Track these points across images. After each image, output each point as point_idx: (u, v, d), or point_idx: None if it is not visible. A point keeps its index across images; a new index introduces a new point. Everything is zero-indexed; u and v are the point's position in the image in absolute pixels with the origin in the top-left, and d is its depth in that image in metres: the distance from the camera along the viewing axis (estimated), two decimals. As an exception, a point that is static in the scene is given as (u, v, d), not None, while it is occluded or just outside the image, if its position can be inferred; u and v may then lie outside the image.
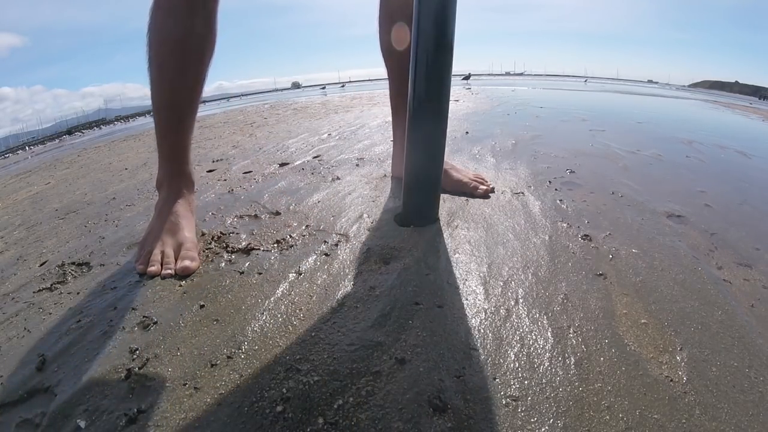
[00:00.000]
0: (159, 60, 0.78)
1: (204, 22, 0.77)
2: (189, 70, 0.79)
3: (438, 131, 0.78)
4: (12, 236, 1.13)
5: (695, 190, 1.09)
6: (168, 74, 0.79)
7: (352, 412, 0.41)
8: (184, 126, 0.84)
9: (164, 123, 0.83)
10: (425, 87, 0.75)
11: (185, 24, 0.75)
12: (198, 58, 0.79)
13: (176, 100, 0.81)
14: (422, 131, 0.78)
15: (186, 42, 0.77)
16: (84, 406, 0.44)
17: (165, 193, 0.84)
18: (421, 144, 0.79)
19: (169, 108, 0.82)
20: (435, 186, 0.83)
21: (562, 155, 1.42)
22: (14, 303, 0.69)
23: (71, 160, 2.86)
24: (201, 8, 0.76)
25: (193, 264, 0.71)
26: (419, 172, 0.81)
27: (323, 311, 0.57)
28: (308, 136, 2.09)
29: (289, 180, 1.23)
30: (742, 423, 0.40)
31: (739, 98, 9.26)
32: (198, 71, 0.81)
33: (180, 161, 0.85)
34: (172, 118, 0.83)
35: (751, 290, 0.63)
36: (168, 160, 0.85)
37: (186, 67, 0.79)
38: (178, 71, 0.79)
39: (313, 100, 5.19)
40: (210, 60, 0.82)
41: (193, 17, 0.75)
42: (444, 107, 0.77)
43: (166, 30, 0.76)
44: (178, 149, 0.85)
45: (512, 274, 0.66)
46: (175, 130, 0.84)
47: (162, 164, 0.86)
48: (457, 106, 3.25)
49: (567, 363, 0.47)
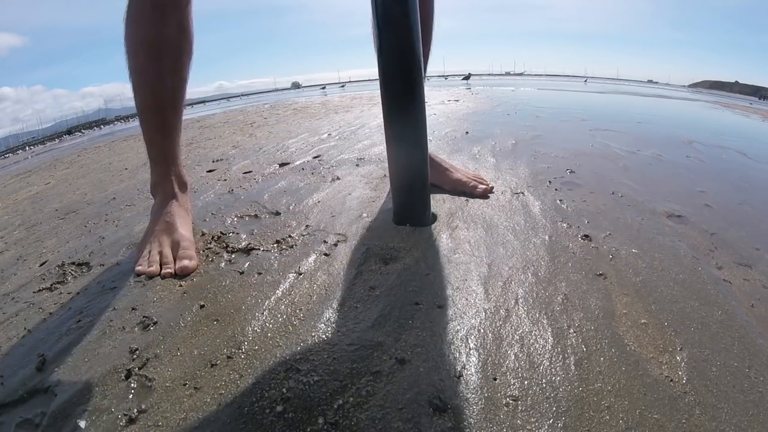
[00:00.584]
0: (137, 67, 0.79)
1: (178, 25, 0.77)
2: (167, 74, 0.80)
3: (416, 129, 0.78)
4: (12, 236, 1.13)
5: (695, 190, 1.09)
6: (147, 80, 0.80)
7: (352, 412, 0.41)
8: (169, 129, 0.85)
9: (150, 128, 0.84)
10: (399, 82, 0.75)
11: (158, 29, 0.76)
12: (175, 61, 0.80)
13: (159, 104, 0.82)
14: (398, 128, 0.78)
15: (161, 47, 0.77)
16: (84, 406, 0.44)
17: (160, 197, 0.85)
18: (400, 144, 0.79)
19: (153, 113, 0.83)
20: (422, 186, 0.81)
21: (562, 155, 1.42)
22: (14, 303, 0.69)
23: (71, 160, 2.86)
24: (172, 11, 0.76)
25: (191, 263, 0.71)
26: (402, 173, 0.80)
27: (323, 311, 0.57)
28: (308, 136, 2.09)
29: (289, 180, 1.23)
30: (742, 423, 0.40)
31: (740, 98, 9.26)
32: (177, 74, 0.81)
33: (170, 164, 0.86)
34: (157, 122, 0.83)
35: (751, 290, 0.63)
36: (159, 164, 0.86)
37: (164, 71, 0.79)
38: (157, 76, 0.79)
39: (313, 100, 5.19)
40: (189, 61, 0.82)
41: (166, 21, 0.76)
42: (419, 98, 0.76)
43: (140, 37, 0.77)
44: (167, 153, 0.86)
45: (512, 274, 0.66)
46: (162, 135, 0.84)
47: (154, 169, 0.87)
48: (457, 106, 3.25)
49: (567, 363, 0.47)
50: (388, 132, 0.79)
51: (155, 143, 0.85)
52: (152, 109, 0.82)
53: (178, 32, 0.78)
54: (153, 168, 0.87)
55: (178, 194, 0.85)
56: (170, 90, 0.82)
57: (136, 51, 0.78)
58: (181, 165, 0.89)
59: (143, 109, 0.82)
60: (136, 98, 0.81)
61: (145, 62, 0.78)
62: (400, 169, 0.80)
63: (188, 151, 2.04)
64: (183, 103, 0.86)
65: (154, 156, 0.86)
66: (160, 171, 0.86)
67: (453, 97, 4.18)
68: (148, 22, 0.75)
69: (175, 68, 0.80)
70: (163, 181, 0.85)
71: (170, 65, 0.79)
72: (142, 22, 0.76)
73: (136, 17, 0.76)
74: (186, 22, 0.79)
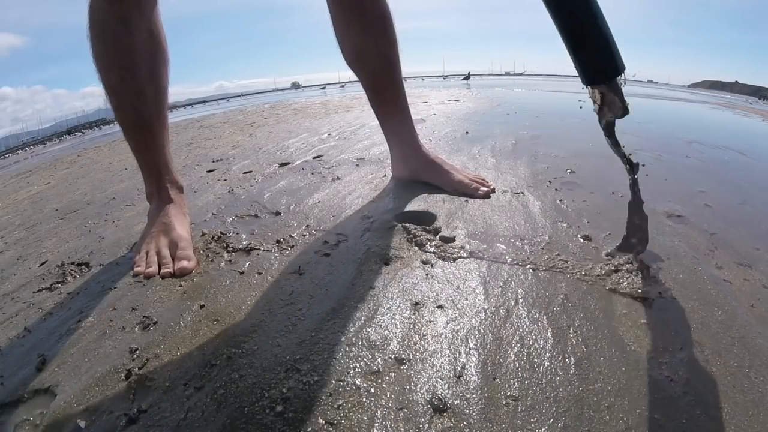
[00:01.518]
0: (112, 86, 0.75)
1: (147, 33, 0.73)
2: (146, 88, 0.76)
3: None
4: (12, 236, 1.13)
5: (695, 190, 1.09)
6: (126, 98, 0.76)
7: (352, 412, 0.41)
8: (157, 143, 0.82)
9: (138, 145, 0.82)
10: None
11: (126, 43, 0.71)
12: (152, 72, 0.76)
13: (143, 119, 0.79)
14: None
15: (134, 61, 0.72)
16: (84, 406, 0.44)
17: (155, 203, 0.84)
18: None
19: (138, 130, 0.80)
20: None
21: (562, 155, 1.42)
22: (14, 303, 0.69)
23: (71, 160, 2.86)
24: (139, 21, 0.71)
25: (189, 264, 0.71)
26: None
27: (323, 311, 0.57)
28: (308, 136, 2.09)
29: (289, 180, 1.23)
30: (742, 423, 0.40)
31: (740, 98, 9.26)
32: (156, 85, 0.78)
33: (163, 174, 0.84)
34: (144, 137, 0.81)
35: (751, 290, 0.63)
36: (151, 175, 0.84)
37: (142, 86, 0.75)
38: (136, 92, 0.75)
39: (313, 101, 5.19)
40: (166, 68, 0.79)
41: (133, 32, 0.70)
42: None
43: (109, 55, 0.72)
44: (159, 164, 0.84)
45: (512, 274, 0.66)
46: (150, 149, 0.82)
47: (146, 179, 0.85)
48: (457, 106, 3.24)
49: (567, 363, 0.47)
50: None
51: (146, 159, 0.83)
52: (137, 125, 0.79)
53: (149, 41, 0.74)
54: (146, 180, 0.85)
55: (175, 198, 0.85)
56: (153, 103, 0.78)
57: (108, 69, 0.73)
58: (175, 170, 0.88)
59: (127, 126, 0.79)
60: (118, 117, 0.78)
61: (119, 81, 0.74)
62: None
63: (188, 151, 2.04)
64: (166, 111, 0.83)
65: (147, 169, 0.84)
66: (154, 182, 0.84)
67: (453, 97, 4.18)
68: (115, 38, 0.70)
69: (153, 79, 0.77)
70: (158, 190, 0.84)
71: (147, 78, 0.75)
72: (109, 39, 0.71)
73: (100, 35, 0.71)
74: (155, 28, 0.75)
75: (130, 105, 0.77)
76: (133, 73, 0.74)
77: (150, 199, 0.86)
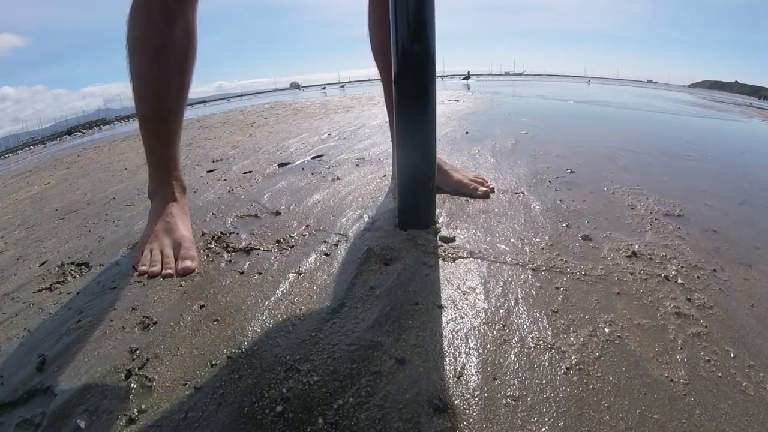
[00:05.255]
0: (140, 73, 0.77)
1: (183, 31, 0.76)
2: (172, 80, 0.78)
3: (425, 131, 0.75)
4: (12, 236, 1.13)
5: (695, 189, 1.09)
6: (151, 87, 0.78)
7: (352, 412, 0.41)
8: (170, 136, 0.84)
9: (152, 137, 0.83)
10: (409, 79, 0.73)
11: (165, 35, 0.74)
12: (180, 67, 0.78)
13: (162, 112, 0.80)
14: (409, 130, 0.75)
15: (167, 53, 0.75)
16: (84, 406, 0.44)
17: (159, 200, 0.84)
18: (409, 144, 0.76)
19: (156, 121, 0.81)
20: (425, 187, 0.78)
21: (562, 155, 1.42)
22: (14, 303, 0.69)
23: (71, 160, 2.86)
24: (179, 16, 0.74)
25: (193, 263, 0.71)
26: (408, 173, 0.78)
27: (323, 311, 0.57)
28: (308, 136, 2.09)
29: (289, 180, 1.23)
30: (742, 423, 0.40)
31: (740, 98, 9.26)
32: (181, 81, 0.80)
33: (171, 169, 0.85)
34: (160, 131, 0.82)
35: (751, 290, 0.63)
36: (158, 170, 0.85)
37: (169, 78, 0.78)
38: (161, 83, 0.77)
39: (313, 101, 5.19)
40: (193, 67, 0.81)
41: (172, 27, 0.74)
42: (431, 100, 0.74)
43: (146, 41, 0.75)
44: (168, 159, 0.85)
45: (512, 274, 0.66)
46: (163, 142, 0.83)
47: (152, 174, 0.86)
48: (457, 106, 3.24)
49: (567, 363, 0.47)
50: (400, 132, 0.76)
51: (156, 151, 0.84)
52: (155, 117, 0.81)
53: (185, 38, 0.77)
54: (152, 174, 0.86)
55: (178, 197, 0.85)
56: (175, 97, 0.80)
57: (140, 56, 0.76)
58: (181, 170, 0.89)
59: (146, 117, 0.81)
60: (139, 105, 0.79)
61: (150, 68, 0.76)
62: (409, 168, 0.77)
63: (188, 151, 2.04)
64: (184, 109, 0.85)
65: (154, 163, 0.85)
66: (160, 176, 0.85)
67: (453, 97, 4.18)
68: (156, 27, 0.74)
69: (181, 75, 0.79)
70: (162, 186, 0.85)
71: (176, 72, 0.78)
72: (149, 26, 0.74)
73: (141, 20, 0.74)
74: (192, 27, 0.78)
75: (153, 94, 0.78)
76: (163, 63, 0.76)
77: (152, 196, 0.87)
